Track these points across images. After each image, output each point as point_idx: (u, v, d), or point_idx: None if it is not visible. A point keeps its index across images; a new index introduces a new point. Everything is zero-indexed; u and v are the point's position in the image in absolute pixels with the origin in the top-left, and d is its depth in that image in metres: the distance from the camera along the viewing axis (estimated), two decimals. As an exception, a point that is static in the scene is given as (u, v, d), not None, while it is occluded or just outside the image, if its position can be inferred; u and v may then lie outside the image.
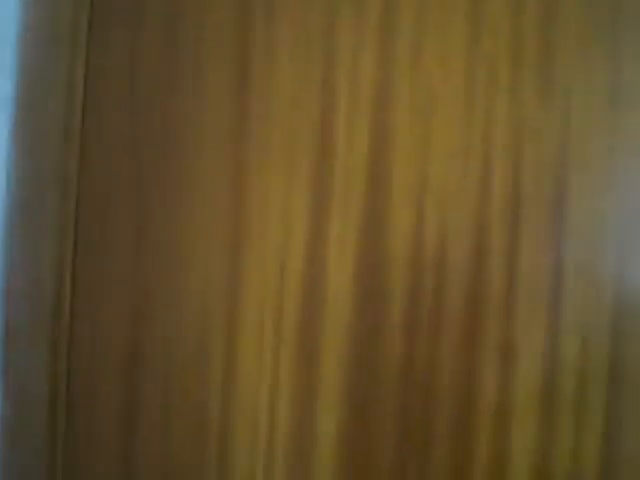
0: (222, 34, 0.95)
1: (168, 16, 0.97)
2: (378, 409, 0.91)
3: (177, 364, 0.95)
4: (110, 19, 0.98)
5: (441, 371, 0.89)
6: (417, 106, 0.90)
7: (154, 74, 0.97)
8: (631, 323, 0.85)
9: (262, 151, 0.94)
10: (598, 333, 0.86)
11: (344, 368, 0.92)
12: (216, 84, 0.95)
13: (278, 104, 0.94)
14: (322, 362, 0.92)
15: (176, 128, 0.96)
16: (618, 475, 0.86)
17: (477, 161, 0.89)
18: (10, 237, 0.97)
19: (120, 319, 0.96)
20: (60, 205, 0.96)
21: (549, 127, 0.87)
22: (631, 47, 0.86)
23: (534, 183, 0.88)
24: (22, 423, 0.96)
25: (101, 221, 0.97)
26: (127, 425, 0.96)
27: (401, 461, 0.90)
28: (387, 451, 0.90)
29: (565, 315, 0.87)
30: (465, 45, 0.89)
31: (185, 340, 0.95)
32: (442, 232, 0.90)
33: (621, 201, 0.86)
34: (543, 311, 0.87)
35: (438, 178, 0.90)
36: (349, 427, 0.91)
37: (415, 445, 0.90)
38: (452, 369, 0.89)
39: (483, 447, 0.88)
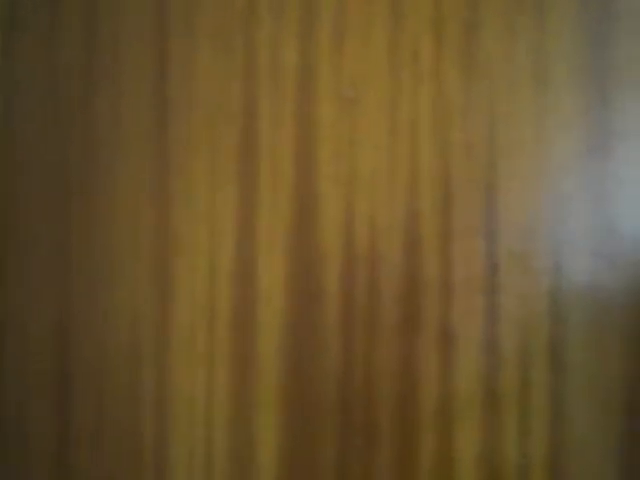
0: (141, 24, 0.91)
1: (86, 7, 0.92)
2: (318, 409, 0.87)
3: (108, 380, 0.91)
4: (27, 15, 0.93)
5: (380, 365, 0.86)
6: (340, 94, 0.87)
7: (72, 72, 0.92)
8: (569, 309, 0.83)
9: (184, 149, 0.90)
10: (537, 320, 0.83)
11: (281, 369, 0.88)
12: (135, 80, 0.91)
13: (199, 98, 0.90)
14: (258, 364, 0.88)
15: (97, 131, 0.91)
16: (567, 464, 0.83)
17: (404, 148, 0.86)
18: None
19: (47, 336, 0.92)
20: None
21: (475, 110, 0.84)
22: (555, 25, 0.83)
23: (463, 168, 0.85)
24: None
25: (20, 232, 0.92)
26: (60, 442, 0.92)
27: (344, 462, 0.87)
28: (329, 453, 0.87)
29: (502, 302, 0.84)
30: (387, 27, 0.86)
31: (115, 353, 0.91)
32: (373, 223, 0.86)
33: (552, 185, 0.83)
34: (480, 299, 0.84)
35: (366, 167, 0.86)
36: (289, 430, 0.88)
37: (358, 444, 0.86)
38: (391, 362, 0.86)
39: (428, 441, 0.85)
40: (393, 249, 0.86)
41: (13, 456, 0.92)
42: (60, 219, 0.92)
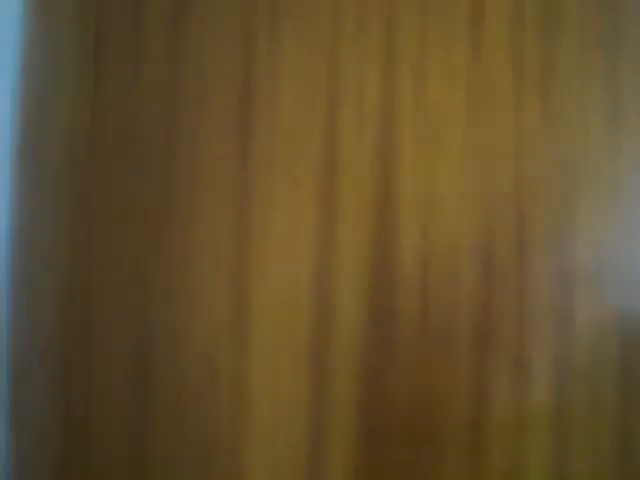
0: (225, 53, 0.96)
1: (170, 32, 0.97)
2: (393, 424, 0.91)
3: (187, 397, 0.94)
4: (112, 46, 0.98)
5: (455, 385, 0.90)
6: (422, 125, 0.92)
7: (156, 98, 0.97)
8: (638, 334, 0.87)
9: (265, 177, 0.94)
10: (607, 344, 0.88)
11: (358, 386, 0.92)
12: (219, 103, 0.96)
13: (282, 129, 0.94)
14: (337, 384, 0.92)
15: (178, 158, 0.96)
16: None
17: (482, 180, 0.90)
18: (14, 273, 0.95)
19: (126, 357, 0.95)
20: (63, 242, 0.95)
21: (552, 146, 0.89)
22: (628, 65, 0.89)
23: (540, 200, 0.89)
24: (34, 458, 0.95)
25: (104, 249, 0.96)
26: (140, 460, 0.95)
27: (414, 475, 0.90)
28: (402, 468, 0.91)
29: (575, 327, 0.88)
30: (466, 66, 0.91)
31: (195, 370, 0.94)
32: (450, 249, 0.91)
33: (625, 216, 0.88)
34: (553, 324, 0.89)
35: (445, 195, 0.91)
36: (364, 441, 0.91)
37: (430, 462, 0.90)
38: (466, 383, 0.90)
39: (497, 460, 0.89)
40: (469, 273, 0.90)
41: (97, 474, 0.95)
42: (141, 245, 0.96)
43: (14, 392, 0.95)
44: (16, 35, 0.95)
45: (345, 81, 0.94)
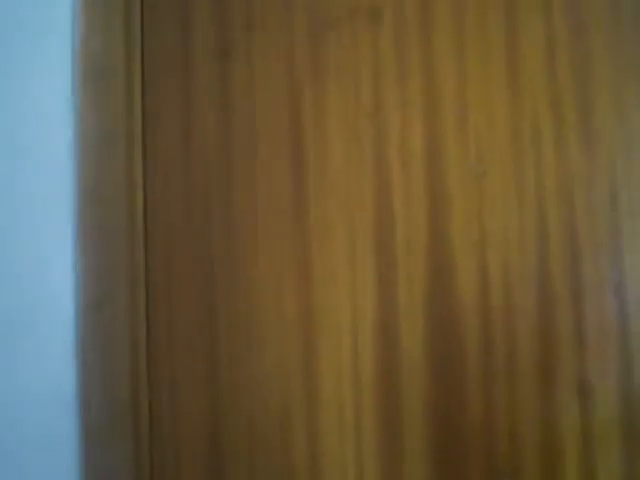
0: (275, 112, 0.99)
1: (220, 95, 1.00)
2: (465, 463, 0.92)
3: (260, 446, 0.96)
4: (160, 101, 1.01)
5: (521, 417, 0.92)
6: (468, 168, 0.95)
7: (208, 160, 1.00)
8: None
9: (323, 232, 0.97)
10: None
11: (426, 432, 0.93)
12: (270, 165, 0.98)
13: (333, 179, 0.97)
14: (404, 428, 0.94)
15: (236, 219, 0.99)
16: None
17: (532, 212, 0.93)
18: (84, 337, 0.97)
19: (200, 408, 0.97)
20: (131, 302, 0.97)
21: (596, 176, 0.92)
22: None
23: (589, 228, 0.92)
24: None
25: (170, 311, 0.98)
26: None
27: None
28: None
29: (635, 350, 0.90)
30: (508, 106, 0.94)
31: (267, 421, 0.96)
32: (507, 283, 0.93)
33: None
34: (613, 349, 0.91)
35: (497, 233, 0.94)
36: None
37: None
38: (531, 410, 0.91)
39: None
40: (528, 306, 0.92)
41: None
42: (206, 298, 0.99)
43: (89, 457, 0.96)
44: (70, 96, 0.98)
45: (390, 134, 0.96)
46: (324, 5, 0.99)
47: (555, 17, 0.95)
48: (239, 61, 1.00)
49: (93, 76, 0.97)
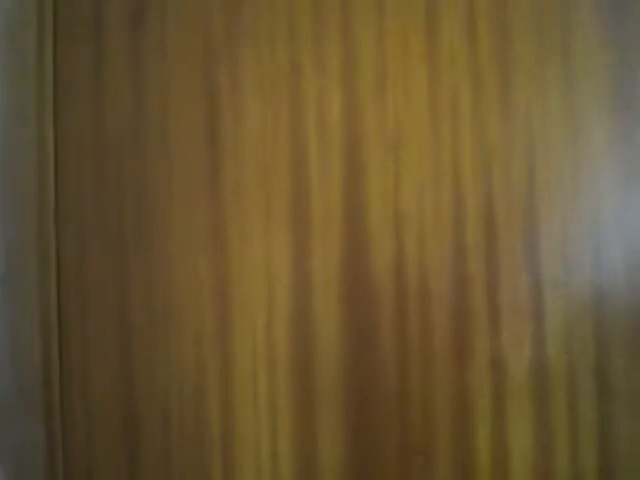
0: (188, 81, 0.96)
1: (132, 62, 0.97)
2: (378, 438, 0.92)
3: (175, 423, 0.95)
4: (73, 88, 0.98)
5: (436, 394, 0.91)
6: (385, 141, 0.92)
7: (121, 130, 0.97)
8: (612, 331, 0.88)
9: (237, 202, 0.95)
10: (582, 343, 0.89)
11: (341, 408, 0.93)
12: (184, 135, 0.96)
13: (250, 153, 0.95)
14: (317, 407, 0.93)
15: (148, 191, 0.96)
16: (617, 474, 0.89)
17: (449, 189, 0.91)
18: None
19: (113, 385, 0.96)
20: (41, 277, 0.95)
21: (514, 154, 0.90)
22: (583, 67, 0.89)
23: (505, 207, 0.90)
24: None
25: (82, 287, 0.97)
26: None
27: (405, 474, 0.92)
28: (390, 469, 0.92)
29: (548, 328, 0.90)
30: (427, 76, 0.92)
31: (180, 396, 0.95)
32: (422, 260, 0.92)
33: (589, 218, 0.89)
34: (527, 326, 0.90)
35: (413, 209, 0.92)
36: (350, 451, 0.93)
37: (417, 465, 0.92)
38: (445, 387, 0.91)
39: (483, 454, 0.90)
40: (442, 285, 0.91)
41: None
42: (120, 273, 0.97)
43: None
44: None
45: (307, 100, 0.94)
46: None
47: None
48: (152, 27, 0.97)
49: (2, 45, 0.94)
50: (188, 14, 0.96)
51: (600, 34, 0.89)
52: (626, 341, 0.88)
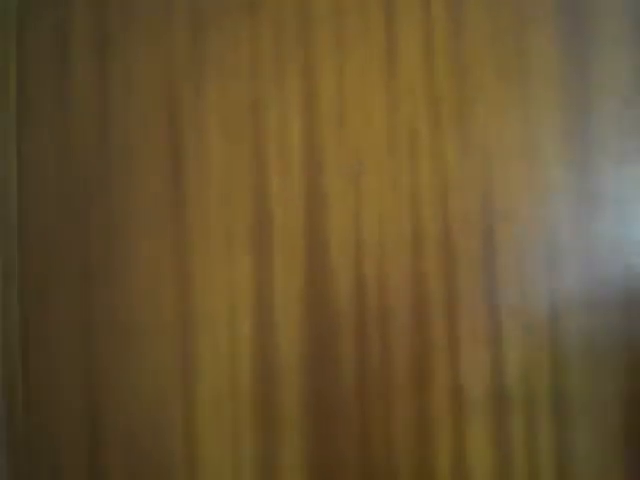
0: (153, 109, 0.97)
1: (97, 93, 0.98)
2: (340, 461, 0.94)
3: (138, 438, 0.97)
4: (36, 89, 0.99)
5: (396, 412, 0.93)
6: (346, 168, 0.94)
7: (87, 158, 0.98)
8: (567, 355, 0.90)
9: (200, 229, 0.96)
10: (539, 369, 0.90)
11: (302, 433, 0.94)
12: (148, 167, 0.97)
13: (212, 182, 0.96)
14: (280, 427, 0.94)
15: (114, 215, 0.98)
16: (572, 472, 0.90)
17: (407, 217, 0.93)
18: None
19: (76, 393, 0.98)
20: (3, 290, 0.97)
21: (472, 181, 0.91)
22: (540, 97, 0.91)
23: (463, 233, 0.92)
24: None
25: (45, 302, 0.98)
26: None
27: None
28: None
29: (506, 354, 0.91)
30: (386, 105, 0.93)
31: (144, 405, 0.97)
32: (382, 287, 0.93)
33: (546, 245, 0.91)
34: (486, 352, 0.91)
35: (373, 236, 0.93)
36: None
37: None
38: (405, 410, 0.92)
39: (443, 474, 0.92)
40: (402, 310, 0.92)
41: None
42: (84, 300, 0.98)
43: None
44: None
45: (269, 131, 0.95)
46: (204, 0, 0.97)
47: (434, 17, 0.93)
48: (117, 58, 0.98)
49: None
50: (153, 44, 0.98)
51: (558, 59, 0.91)
52: (581, 364, 0.89)
